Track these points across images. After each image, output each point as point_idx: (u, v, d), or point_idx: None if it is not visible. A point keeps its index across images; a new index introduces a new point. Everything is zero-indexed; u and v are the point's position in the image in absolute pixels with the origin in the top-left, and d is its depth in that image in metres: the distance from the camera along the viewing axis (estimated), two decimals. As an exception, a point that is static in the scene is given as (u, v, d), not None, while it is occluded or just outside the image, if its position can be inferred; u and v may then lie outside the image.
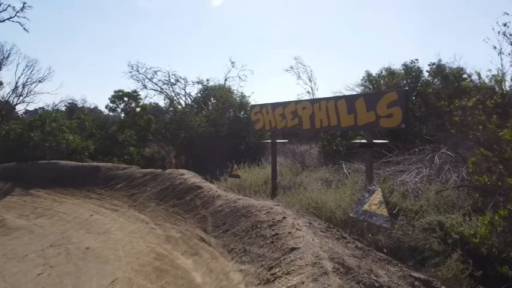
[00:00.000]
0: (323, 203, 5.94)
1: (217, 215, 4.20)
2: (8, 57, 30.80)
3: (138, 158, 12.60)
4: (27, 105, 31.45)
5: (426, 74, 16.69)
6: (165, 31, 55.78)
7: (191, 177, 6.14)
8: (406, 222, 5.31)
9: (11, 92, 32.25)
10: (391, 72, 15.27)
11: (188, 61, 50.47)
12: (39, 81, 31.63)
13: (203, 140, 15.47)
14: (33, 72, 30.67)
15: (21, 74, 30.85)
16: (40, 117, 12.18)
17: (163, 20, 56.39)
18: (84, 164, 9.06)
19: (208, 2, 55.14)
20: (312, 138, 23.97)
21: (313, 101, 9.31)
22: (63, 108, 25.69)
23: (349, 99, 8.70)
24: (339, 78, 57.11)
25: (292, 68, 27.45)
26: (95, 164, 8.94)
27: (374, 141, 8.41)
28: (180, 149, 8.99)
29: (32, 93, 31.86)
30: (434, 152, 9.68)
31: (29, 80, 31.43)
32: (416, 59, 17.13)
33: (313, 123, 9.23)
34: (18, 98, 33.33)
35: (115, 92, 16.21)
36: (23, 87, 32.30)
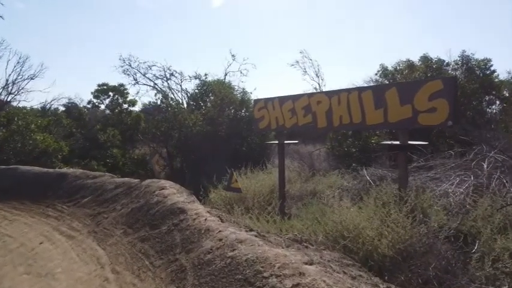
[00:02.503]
0: (358, 231, 4.22)
1: (202, 270, 2.53)
2: (-4, 52, 29.19)
3: (123, 161, 10.86)
4: (18, 103, 29.81)
5: (449, 67, 14.98)
6: (165, 31, 53.87)
7: (173, 195, 4.45)
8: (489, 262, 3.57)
9: (1, 90, 30.55)
10: (410, 65, 13.53)
11: (186, 58, 48.47)
12: (31, 78, 29.95)
13: (200, 140, 13.78)
14: (23, 68, 29.00)
15: (12, 71, 29.20)
16: (7, 114, 10.43)
17: (163, 20, 54.45)
18: (49, 170, 7.37)
19: (208, 3, 53.10)
20: (317, 137, 22.17)
21: (331, 94, 7.61)
22: (62, 108, 23.48)
23: (377, 90, 7.02)
24: (344, 75, 54.95)
25: (297, 62, 25.43)
26: (61, 170, 7.25)
27: (409, 142, 6.69)
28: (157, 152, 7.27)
29: (22, 90, 30.17)
30: (478, 156, 7.96)
31: (20, 76, 29.76)
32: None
33: (331, 120, 7.54)
34: (9, 96, 31.70)
35: (99, 85, 14.35)
36: (13, 84, 30.64)
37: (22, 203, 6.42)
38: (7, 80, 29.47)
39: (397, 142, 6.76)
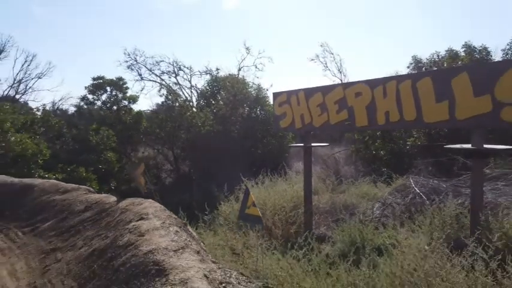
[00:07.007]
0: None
1: None
2: (3, 50, 28.24)
3: (119, 167, 9.34)
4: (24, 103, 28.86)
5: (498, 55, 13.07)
6: (177, 31, 52.33)
7: (154, 232, 2.88)
8: None
9: (9, 89, 29.57)
10: (453, 55, 11.65)
11: (197, 54, 46.28)
12: (39, 77, 28.95)
13: (210, 142, 12.25)
14: (30, 66, 27.95)
15: (20, 70, 28.25)
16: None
17: (176, 21, 52.95)
18: (14, 180, 5.87)
19: (220, 5, 51.15)
20: (334, 138, 20.25)
21: (374, 83, 5.96)
22: (74, 109, 21.09)
23: (439, 76, 5.35)
24: (370, 72, 51.55)
25: (317, 56, 23.30)
26: (27, 181, 5.76)
27: (486, 146, 4.96)
28: (143, 163, 5.71)
29: (30, 90, 29.08)
30: None
31: (27, 75, 28.77)
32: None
33: (374, 117, 5.90)
34: (15, 95, 30.81)
35: (93, 79, 12.72)
36: (19, 83, 29.70)
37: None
38: (14, 79, 28.48)
39: (469, 146, 5.05)
